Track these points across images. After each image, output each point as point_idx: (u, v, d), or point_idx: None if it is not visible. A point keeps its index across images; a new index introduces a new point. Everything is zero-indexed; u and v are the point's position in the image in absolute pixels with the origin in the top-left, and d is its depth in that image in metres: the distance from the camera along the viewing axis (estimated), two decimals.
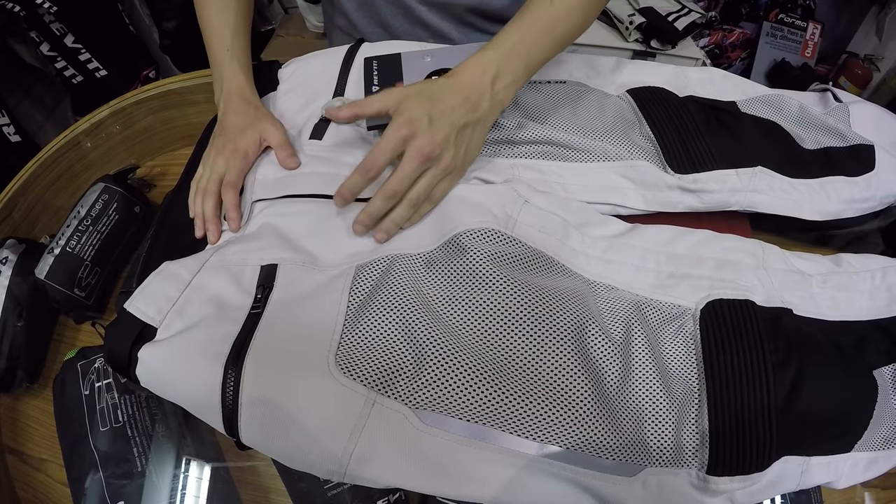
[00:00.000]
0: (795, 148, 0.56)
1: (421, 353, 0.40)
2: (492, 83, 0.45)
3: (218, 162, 0.52)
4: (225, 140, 0.53)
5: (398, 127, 0.43)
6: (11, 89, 1.32)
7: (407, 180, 0.44)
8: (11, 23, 1.22)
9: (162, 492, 0.51)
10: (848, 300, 0.48)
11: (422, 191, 0.45)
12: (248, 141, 0.53)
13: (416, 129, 0.43)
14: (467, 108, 0.44)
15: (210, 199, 0.52)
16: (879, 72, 1.80)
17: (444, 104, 0.44)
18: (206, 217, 0.51)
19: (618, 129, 0.54)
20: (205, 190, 0.52)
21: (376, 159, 0.43)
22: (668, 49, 1.59)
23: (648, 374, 0.41)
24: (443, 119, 0.43)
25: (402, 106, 0.44)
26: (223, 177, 0.52)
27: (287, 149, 0.53)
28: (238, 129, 0.53)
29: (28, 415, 0.60)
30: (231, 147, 0.52)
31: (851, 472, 0.44)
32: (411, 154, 0.43)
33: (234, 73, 0.57)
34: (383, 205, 0.45)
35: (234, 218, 0.51)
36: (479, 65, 0.46)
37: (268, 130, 0.54)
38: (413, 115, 0.43)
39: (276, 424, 0.39)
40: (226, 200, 0.51)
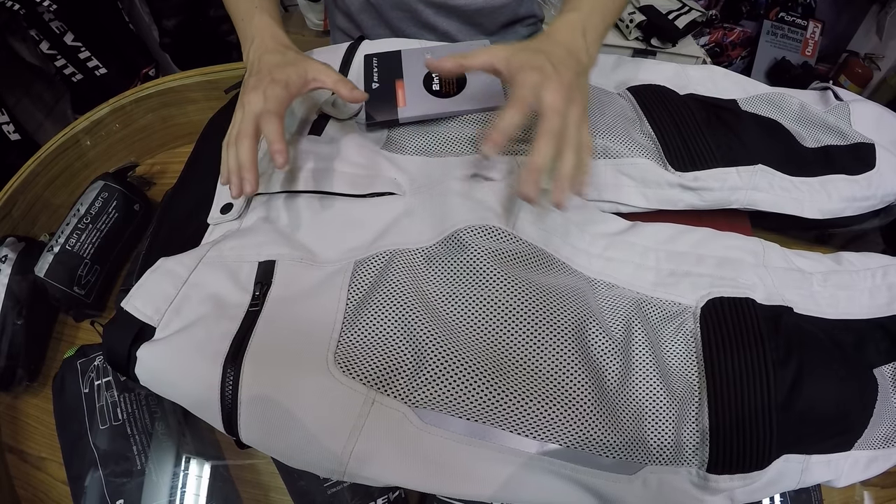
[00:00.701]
0: (796, 146, 0.56)
1: (420, 352, 0.40)
2: (584, 38, 0.46)
3: (252, 98, 0.45)
4: (260, 77, 0.47)
5: (527, 75, 0.42)
6: (11, 87, 1.33)
7: (560, 118, 0.41)
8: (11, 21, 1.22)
9: (161, 490, 0.51)
10: (848, 298, 0.48)
11: (576, 132, 0.42)
12: (290, 73, 0.47)
13: (545, 75, 0.42)
14: (574, 60, 0.44)
15: (244, 141, 0.44)
16: (880, 70, 1.80)
17: (554, 56, 0.43)
18: (240, 164, 0.44)
19: (618, 127, 0.54)
20: (237, 133, 0.45)
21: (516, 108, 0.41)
22: (669, 47, 1.59)
23: (649, 372, 0.41)
24: (561, 66, 0.43)
25: (515, 59, 0.43)
26: (258, 114, 0.45)
27: (346, 83, 0.47)
28: (276, 64, 0.48)
29: (28, 413, 0.60)
30: (268, 79, 0.46)
31: (851, 470, 0.44)
32: (552, 89, 0.41)
33: (265, 23, 0.52)
34: (547, 148, 0.40)
35: (281, 150, 0.43)
36: (567, 24, 0.47)
37: (317, 68, 0.48)
38: (535, 63, 0.42)
39: (275, 423, 0.39)
40: (266, 132, 0.44)
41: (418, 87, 0.55)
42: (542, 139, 0.40)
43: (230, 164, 0.45)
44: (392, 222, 0.47)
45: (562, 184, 0.41)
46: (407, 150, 0.52)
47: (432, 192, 0.48)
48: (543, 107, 0.41)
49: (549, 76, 0.41)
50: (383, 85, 0.55)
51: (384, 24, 0.71)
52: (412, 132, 0.54)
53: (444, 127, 0.54)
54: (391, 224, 0.47)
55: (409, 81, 0.55)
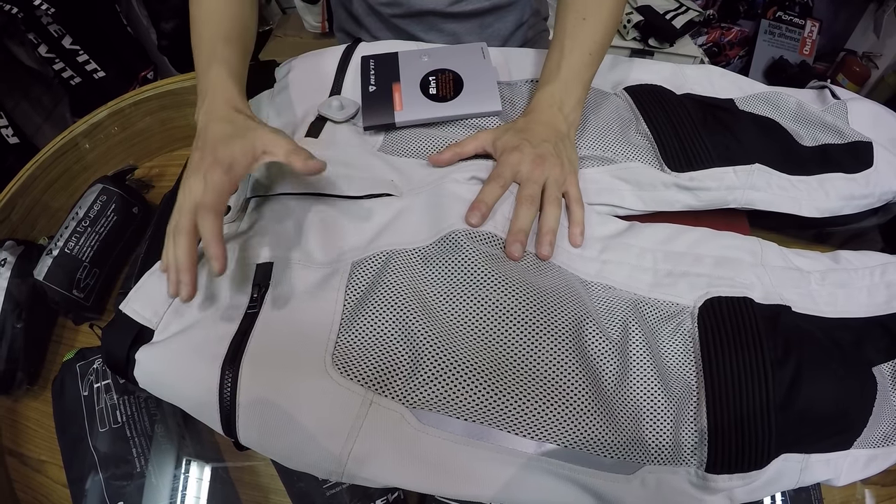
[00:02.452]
0: (793, 145, 0.56)
1: (418, 353, 0.40)
2: (560, 111, 0.51)
3: (193, 185, 0.41)
4: (203, 155, 0.42)
5: (508, 156, 0.48)
6: (10, 91, 1.32)
7: (535, 186, 0.47)
8: (9, 24, 1.22)
9: (161, 492, 0.51)
10: (846, 297, 0.48)
11: (556, 191, 0.47)
12: (235, 150, 0.42)
13: (523, 153, 0.48)
14: (552, 132, 0.49)
15: (182, 238, 0.40)
16: (878, 69, 1.80)
17: (533, 133, 0.49)
18: (177, 264, 0.40)
19: (614, 129, 0.54)
20: (174, 228, 0.41)
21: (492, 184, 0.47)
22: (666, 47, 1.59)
23: (646, 372, 0.41)
24: (538, 141, 0.48)
25: (500, 142, 0.49)
26: (196, 208, 0.40)
27: (300, 153, 0.42)
28: (221, 138, 0.43)
29: (27, 416, 0.60)
30: (210, 160, 0.41)
31: (851, 469, 0.44)
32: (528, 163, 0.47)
33: (220, 80, 0.47)
34: (524, 212, 0.45)
35: (217, 255, 0.39)
36: (545, 99, 0.51)
37: (266, 138, 0.43)
38: (515, 143, 0.48)
39: (273, 424, 0.39)
40: (202, 230, 0.40)
41: (415, 90, 0.55)
42: (520, 205, 0.46)
43: (168, 258, 0.42)
44: (388, 223, 0.47)
45: (544, 237, 0.45)
46: (404, 152, 0.52)
47: (428, 194, 0.48)
48: (521, 179, 0.47)
49: (525, 154, 0.47)
50: (380, 88, 0.55)
51: (391, 28, 0.71)
52: (409, 134, 0.54)
53: (441, 130, 0.54)
54: (387, 224, 0.47)
55: (405, 85, 0.55)
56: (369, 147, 0.53)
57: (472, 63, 0.57)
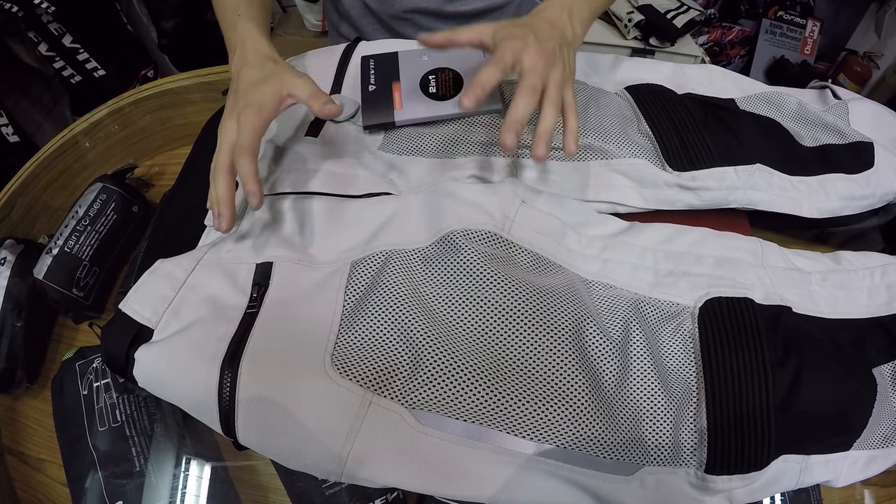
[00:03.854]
0: (794, 145, 0.56)
1: (417, 353, 0.40)
2: (569, 18, 0.49)
3: (228, 127, 0.45)
4: (236, 99, 0.46)
5: (509, 42, 0.44)
6: (10, 89, 1.32)
7: (539, 77, 0.43)
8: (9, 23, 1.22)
9: (161, 491, 0.51)
10: (847, 298, 0.48)
11: (557, 92, 0.44)
12: (264, 94, 0.45)
13: (527, 42, 0.44)
14: (557, 33, 0.47)
15: (220, 176, 0.44)
16: (879, 69, 1.80)
17: (538, 28, 0.46)
18: (218, 199, 0.43)
19: (616, 127, 0.54)
20: (214, 168, 0.44)
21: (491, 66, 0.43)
22: (667, 46, 1.58)
23: (646, 372, 0.41)
24: (543, 36, 0.45)
25: (502, 31, 0.45)
26: (233, 149, 0.44)
27: (321, 97, 0.45)
28: (252, 83, 0.46)
29: (27, 415, 0.60)
30: (243, 102, 0.45)
31: (850, 470, 0.44)
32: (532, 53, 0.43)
33: (247, 31, 0.50)
34: (526, 102, 0.42)
35: (254, 192, 0.42)
36: (554, 4, 0.49)
37: (291, 81, 0.46)
38: (518, 34, 0.45)
39: (272, 424, 0.39)
40: (239, 170, 0.43)
41: (415, 89, 0.55)
42: (520, 94, 0.43)
43: (211, 197, 0.45)
44: (387, 222, 0.47)
45: (541, 138, 0.43)
46: (403, 150, 0.52)
47: (427, 193, 0.48)
48: (523, 68, 0.43)
49: (530, 43, 0.44)
50: (380, 87, 0.55)
51: (386, 30, 0.71)
52: (409, 133, 0.54)
53: (441, 128, 0.54)
54: (386, 224, 0.47)
55: (405, 84, 0.55)
56: (369, 146, 0.53)
57: (472, 61, 0.57)
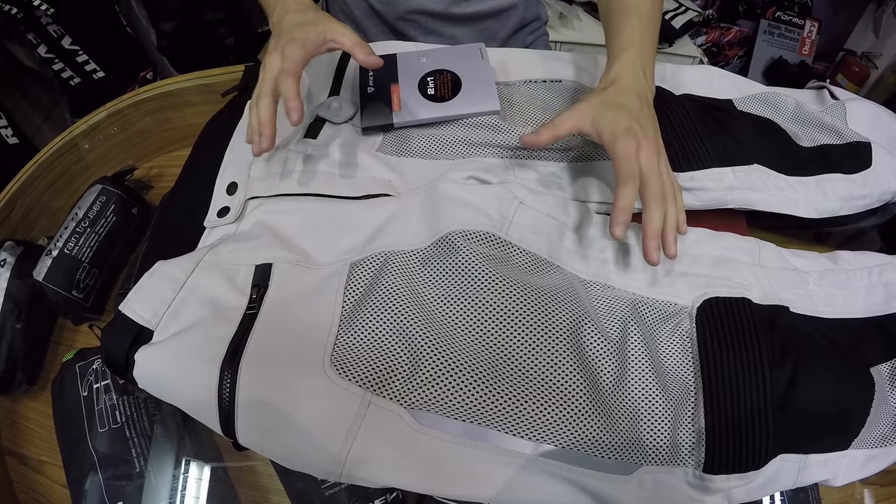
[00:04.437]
0: (792, 146, 0.57)
1: (415, 354, 0.40)
2: (646, 78, 0.49)
3: (272, 59, 0.47)
4: (279, 38, 0.48)
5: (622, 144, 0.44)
6: (9, 91, 1.32)
7: (659, 179, 0.44)
8: (8, 25, 1.22)
9: (161, 492, 0.51)
10: (844, 297, 0.48)
11: (671, 185, 0.45)
12: (308, 32, 0.48)
13: (639, 137, 0.44)
14: (645, 104, 0.48)
15: (263, 100, 0.46)
16: (877, 69, 1.80)
17: (632, 108, 0.46)
18: (260, 122, 0.46)
19: None
20: (257, 94, 0.47)
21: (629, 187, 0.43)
22: (666, 47, 1.59)
23: (644, 372, 0.41)
24: (642, 119, 0.46)
25: (602, 123, 0.45)
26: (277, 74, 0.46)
27: (365, 47, 0.49)
28: (296, 24, 0.49)
29: (27, 417, 0.60)
30: (287, 39, 0.47)
31: (849, 469, 0.44)
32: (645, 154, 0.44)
33: None
34: (659, 213, 0.43)
35: (295, 108, 0.45)
36: (628, 67, 0.49)
37: (335, 29, 0.49)
38: (623, 126, 0.45)
39: (272, 425, 0.39)
40: (283, 90, 0.46)
41: (413, 91, 0.55)
42: (653, 205, 0.43)
43: (252, 124, 0.47)
44: (386, 223, 0.47)
45: (671, 236, 0.43)
46: (402, 152, 0.52)
47: (426, 195, 0.48)
48: (643, 172, 0.43)
49: (640, 139, 0.44)
50: (378, 89, 0.55)
51: (390, 31, 0.71)
52: (408, 135, 0.54)
53: (440, 130, 0.54)
54: (385, 225, 0.47)
55: (404, 85, 0.55)
56: (368, 147, 0.53)
57: (471, 63, 0.57)
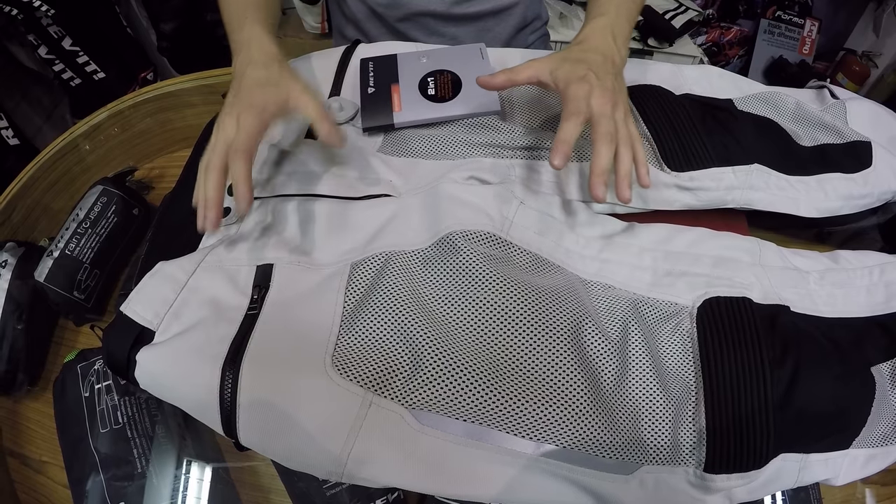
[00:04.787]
0: (792, 145, 0.57)
1: (416, 354, 0.40)
2: (615, 42, 0.49)
3: (226, 125, 0.43)
4: (237, 98, 0.44)
5: (575, 87, 0.45)
6: (10, 92, 1.33)
7: (611, 122, 0.44)
8: (9, 26, 1.22)
9: (162, 493, 0.51)
10: (845, 297, 0.48)
11: (626, 129, 0.45)
12: (269, 96, 0.44)
13: (592, 84, 0.45)
14: (610, 64, 0.48)
15: (212, 175, 0.42)
16: (877, 68, 1.80)
17: (594, 63, 0.47)
18: (206, 199, 0.42)
19: None
20: (207, 166, 0.43)
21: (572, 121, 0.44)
22: (666, 47, 1.59)
23: (645, 372, 0.41)
24: (602, 72, 0.46)
25: (559, 71, 0.46)
26: (229, 148, 0.43)
27: (328, 121, 0.45)
28: (256, 83, 0.45)
29: (28, 417, 0.60)
30: (246, 103, 0.44)
31: (849, 468, 0.44)
32: (598, 97, 0.44)
33: (255, 32, 0.49)
34: (606, 150, 0.43)
35: (243, 195, 0.41)
36: (599, 30, 0.50)
37: (299, 95, 0.45)
38: (579, 73, 0.45)
39: (273, 425, 0.39)
40: (232, 171, 0.42)
41: (414, 91, 0.55)
42: (600, 143, 0.43)
43: (198, 194, 0.44)
44: (387, 224, 0.47)
45: (623, 180, 0.44)
46: (403, 152, 0.53)
47: (426, 195, 0.48)
48: (593, 114, 0.44)
49: (594, 86, 0.45)
50: (379, 89, 0.56)
51: (392, 32, 0.71)
52: (408, 135, 0.54)
53: (440, 130, 0.54)
54: (386, 225, 0.47)
55: (404, 86, 0.56)
56: (368, 148, 0.53)
57: (471, 64, 0.57)
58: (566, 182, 0.52)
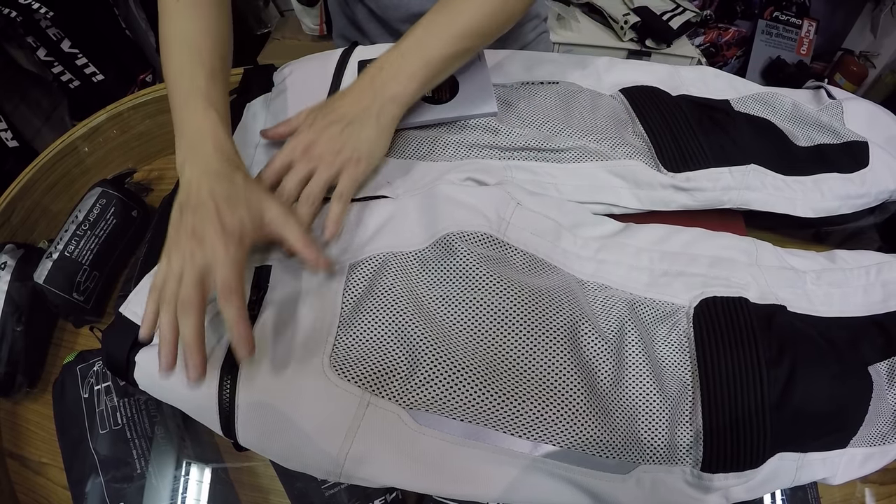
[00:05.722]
0: (789, 145, 0.57)
1: (414, 355, 0.40)
2: (372, 82, 0.47)
3: (196, 251, 0.36)
4: (201, 218, 0.37)
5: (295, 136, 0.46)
6: (9, 94, 1.33)
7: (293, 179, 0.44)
8: (8, 28, 1.23)
9: (162, 494, 0.51)
10: (842, 296, 0.48)
11: (317, 186, 0.44)
12: (244, 221, 0.38)
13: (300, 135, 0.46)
14: (353, 108, 0.46)
15: (191, 313, 0.35)
16: (875, 68, 1.81)
17: (333, 109, 0.46)
18: (186, 343, 0.35)
19: (610, 129, 0.54)
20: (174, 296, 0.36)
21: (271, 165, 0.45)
22: (664, 48, 1.59)
23: (642, 371, 0.41)
24: (325, 118, 0.46)
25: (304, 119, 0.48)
26: (206, 274, 0.36)
27: (312, 247, 0.40)
28: (223, 200, 0.38)
29: (28, 419, 0.60)
30: (216, 228, 0.37)
31: (847, 468, 0.44)
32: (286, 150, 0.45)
33: (207, 121, 0.42)
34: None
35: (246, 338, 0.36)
36: (368, 69, 0.48)
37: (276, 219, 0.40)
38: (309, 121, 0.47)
39: (272, 426, 0.39)
40: (227, 314, 0.36)
41: None
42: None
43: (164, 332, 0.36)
44: (384, 225, 0.47)
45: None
46: (400, 154, 0.53)
47: (424, 196, 0.48)
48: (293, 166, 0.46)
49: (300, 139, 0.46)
50: None
51: (392, 34, 0.71)
52: (406, 137, 0.54)
53: (438, 132, 0.54)
54: (383, 226, 0.47)
55: None
56: None
57: (468, 65, 0.57)
58: (563, 183, 0.52)
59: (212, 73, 0.45)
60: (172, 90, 0.45)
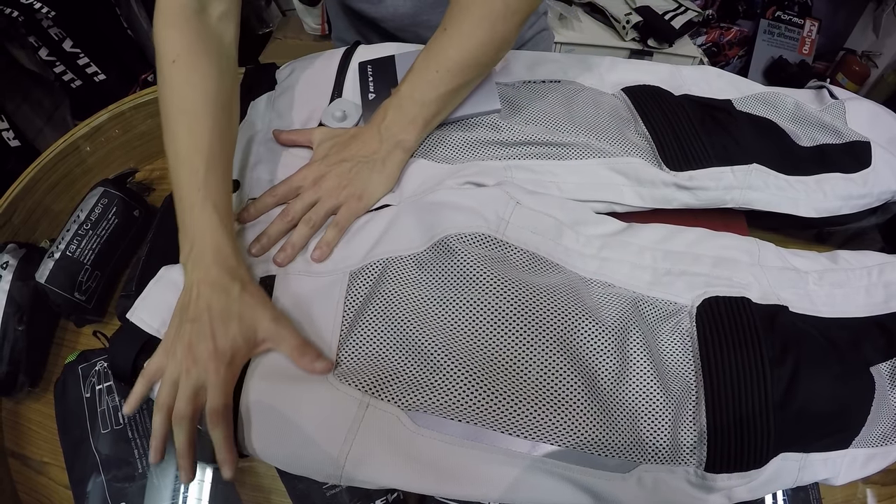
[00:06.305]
0: (791, 145, 0.57)
1: (414, 357, 0.40)
2: (378, 126, 0.50)
3: (191, 368, 0.39)
4: (200, 332, 0.39)
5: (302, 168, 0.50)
6: (11, 94, 1.33)
7: (300, 203, 0.48)
8: (10, 27, 1.23)
9: (163, 494, 0.51)
10: (844, 297, 0.48)
11: (319, 213, 0.48)
12: (237, 339, 0.40)
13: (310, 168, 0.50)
14: (362, 150, 0.50)
15: (183, 426, 0.39)
16: (877, 68, 1.80)
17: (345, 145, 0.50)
18: (178, 450, 0.39)
19: (612, 126, 0.54)
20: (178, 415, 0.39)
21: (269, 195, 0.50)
22: (666, 48, 1.59)
23: (645, 371, 0.41)
24: (337, 155, 0.50)
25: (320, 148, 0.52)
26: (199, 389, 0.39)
27: (310, 352, 0.40)
28: (218, 315, 0.40)
29: (29, 418, 0.60)
30: (210, 347, 0.39)
31: (849, 468, 0.44)
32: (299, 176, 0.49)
33: (207, 222, 0.42)
34: (282, 226, 0.48)
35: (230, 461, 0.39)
36: (378, 111, 0.51)
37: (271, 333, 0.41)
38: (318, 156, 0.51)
39: (274, 431, 0.39)
40: (214, 440, 0.39)
41: None
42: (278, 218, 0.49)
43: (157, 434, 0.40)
44: (385, 231, 0.47)
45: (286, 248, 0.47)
46: None
47: (423, 198, 0.48)
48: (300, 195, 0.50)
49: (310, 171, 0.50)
50: (379, 95, 0.55)
51: (392, 38, 0.71)
52: None
53: (441, 130, 0.54)
54: (383, 232, 0.47)
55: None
56: None
57: None
58: (563, 181, 0.52)
59: (210, 158, 0.44)
60: (172, 172, 0.45)
